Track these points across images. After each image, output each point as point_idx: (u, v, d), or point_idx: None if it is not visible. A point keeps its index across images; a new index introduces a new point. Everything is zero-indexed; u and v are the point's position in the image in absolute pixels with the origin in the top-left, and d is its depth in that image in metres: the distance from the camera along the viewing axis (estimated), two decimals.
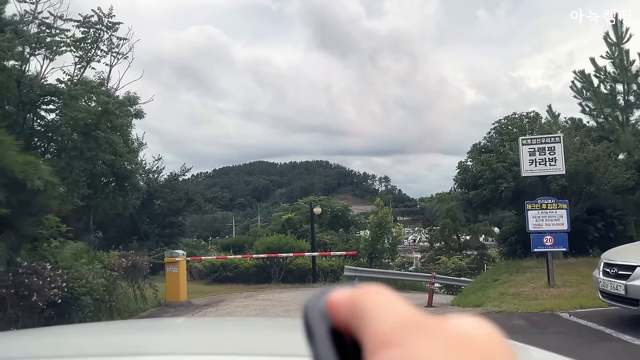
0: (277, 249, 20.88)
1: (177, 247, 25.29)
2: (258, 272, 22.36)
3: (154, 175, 17.80)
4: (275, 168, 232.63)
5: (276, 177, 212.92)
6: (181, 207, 18.62)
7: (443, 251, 34.11)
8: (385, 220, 24.21)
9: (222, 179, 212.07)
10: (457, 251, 33.75)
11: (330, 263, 24.16)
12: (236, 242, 26.58)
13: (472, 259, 30.88)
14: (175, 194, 18.43)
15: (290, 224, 28.12)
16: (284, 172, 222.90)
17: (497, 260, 36.73)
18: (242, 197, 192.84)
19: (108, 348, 1.47)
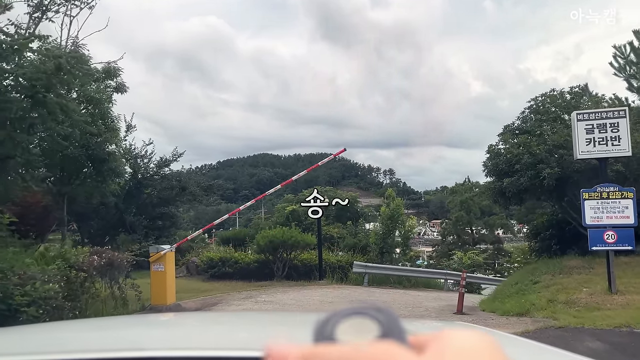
0: (280, 243, 19.05)
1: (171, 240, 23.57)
2: (260, 267, 20.56)
3: (143, 160, 15.95)
4: (279, 160, 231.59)
5: (280, 169, 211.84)
6: (173, 197, 16.75)
7: (456, 245, 32.24)
8: (398, 213, 22.31)
9: (226, 171, 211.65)
10: (470, 245, 31.88)
11: (338, 258, 22.34)
12: (237, 235, 24.72)
13: (489, 254, 29.00)
14: (167, 182, 16.55)
15: (294, 216, 26.28)
16: (288, 165, 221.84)
17: (522, 257, 34.57)
18: (246, 190, 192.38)
19: (107, 344, 1.55)
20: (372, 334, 0.34)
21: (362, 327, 0.35)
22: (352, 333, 0.34)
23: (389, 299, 15.51)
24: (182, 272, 24.51)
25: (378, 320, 0.35)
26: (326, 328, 0.35)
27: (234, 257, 21.05)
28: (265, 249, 19.50)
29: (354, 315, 0.35)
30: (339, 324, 0.35)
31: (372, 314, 0.35)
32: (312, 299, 15.11)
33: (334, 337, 0.35)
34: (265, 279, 20.14)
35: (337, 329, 0.35)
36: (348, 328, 0.35)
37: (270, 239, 18.95)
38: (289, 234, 18.94)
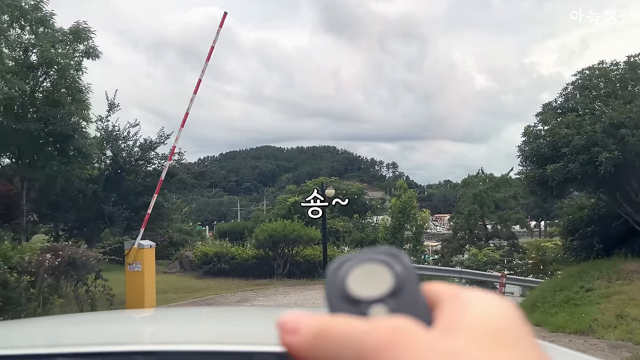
0: (281, 238, 17.21)
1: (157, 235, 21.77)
2: (259, 264, 18.73)
3: (125, 143, 13.96)
4: (282, 153, 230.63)
5: (283, 162, 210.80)
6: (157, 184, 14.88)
7: (468, 241, 30.32)
8: (410, 206, 20.43)
9: (228, 163, 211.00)
10: (482, 240, 29.97)
11: (344, 254, 20.50)
12: (235, 228, 22.87)
13: (505, 250, 27.09)
14: (151, 167, 14.62)
15: (297, 208, 24.41)
16: (290, 157, 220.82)
17: (537, 254, 32.80)
18: (249, 182, 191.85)
19: (106, 337, 1.57)
20: (385, 284, 0.33)
21: (375, 276, 0.34)
22: (365, 283, 0.33)
23: None
24: (176, 267, 22.78)
25: (391, 268, 0.34)
26: (338, 278, 0.34)
27: (230, 252, 19.22)
28: (264, 244, 17.67)
29: (366, 263, 0.34)
30: (351, 273, 0.34)
31: (386, 262, 0.34)
32: (316, 303, 13.27)
33: (346, 289, 0.33)
34: (264, 277, 18.33)
35: (350, 277, 0.34)
36: (361, 276, 0.34)
37: (270, 233, 17.10)
38: (291, 228, 17.09)
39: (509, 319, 0.30)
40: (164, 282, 18.79)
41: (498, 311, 0.31)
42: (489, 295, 0.32)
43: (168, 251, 23.92)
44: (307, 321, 0.31)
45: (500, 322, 0.30)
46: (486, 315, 0.30)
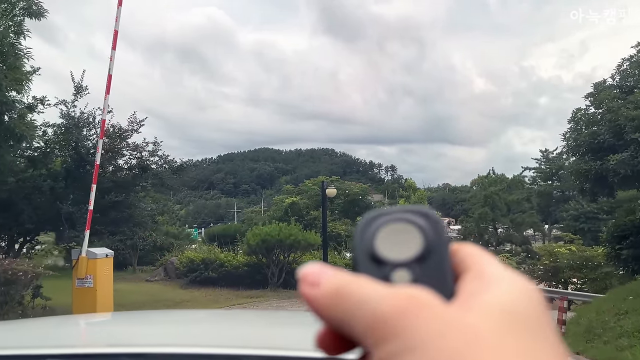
0: (276, 243, 15.10)
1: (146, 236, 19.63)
2: (251, 272, 16.63)
3: (88, 130, 11.73)
4: (280, 155, 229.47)
5: (281, 164, 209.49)
6: (130, 180, 12.60)
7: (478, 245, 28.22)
8: None
9: (226, 165, 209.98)
10: (494, 246, 27.87)
11: (346, 262, 18.41)
12: (226, 231, 20.75)
13: (521, 257, 24.96)
14: (122, 160, 12.34)
15: (294, 209, 22.27)
16: (289, 160, 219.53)
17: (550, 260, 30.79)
18: (247, 184, 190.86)
19: (102, 339, 1.64)
20: (414, 247, 0.33)
21: (404, 237, 0.33)
22: (394, 244, 0.33)
23: None
24: (160, 274, 20.64)
25: (421, 229, 0.33)
26: (366, 235, 0.33)
27: (219, 258, 17.11)
28: (257, 250, 15.56)
29: (396, 222, 0.33)
30: (380, 232, 0.33)
31: (418, 224, 0.33)
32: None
33: (374, 248, 0.33)
34: (257, 287, 16.22)
35: (379, 236, 0.33)
36: (389, 238, 0.33)
37: (263, 238, 14.98)
38: (287, 232, 14.98)
39: (531, 303, 0.30)
40: (143, 293, 16.70)
41: (521, 294, 0.30)
42: (514, 275, 0.31)
43: (153, 256, 21.82)
44: (329, 276, 0.31)
45: (522, 305, 0.30)
46: (508, 297, 0.30)
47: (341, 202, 25.59)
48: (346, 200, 25.49)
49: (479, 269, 0.32)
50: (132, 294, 15.69)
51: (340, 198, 25.09)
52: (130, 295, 15.24)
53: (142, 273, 20.74)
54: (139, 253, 21.05)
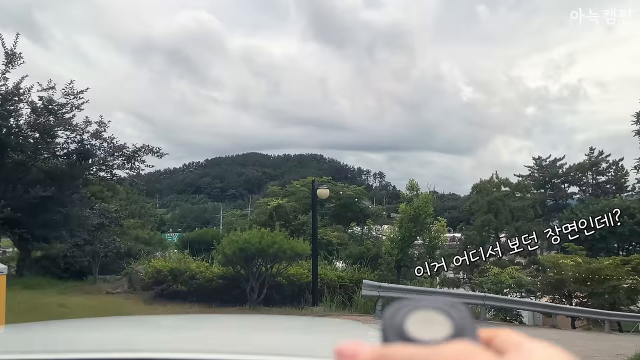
0: (257, 252, 12.62)
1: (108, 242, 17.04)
2: (227, 286, 14.14)
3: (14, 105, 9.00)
4: (268, 160, 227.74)
5: (269, 169, 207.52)
6: (66, 169, 9.99)
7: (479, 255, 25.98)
8: (425, 213, 15.98)
9: (214, 169, 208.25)
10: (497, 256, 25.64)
11: (339, 274, 15.97)
12: (202, 237, 18.23)
13: (532, 270, 22.77)
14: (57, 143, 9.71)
15: (280, 213, 19.77)
16: (277, 165, 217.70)
17: (555, 272, 28.53)
18: (234, 189, 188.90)
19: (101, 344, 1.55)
20: (444, 331, 0.34)
21: (433, 322, 0.34)
22: (423, 327, 0.34)
23: None
24: (123, 286, 17.97)
25: (450, 316, 0.34)
26: (396, 319, 0.34)
27: (190, 269, 14.57)
28: (234, 260, 13.07)
29: (426, 309, 0.35)
30: (410, 316, 0.34)
31: (443, 309, 0.34)
32: None
33: (404, 330, 0.34)
34: (233, 303, 13.70)
35: (409, 320, 0.34)
36: (419, 321, 0.34)
37: (241, 246, 12.48)
38: (270, 239, 12.50)
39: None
40: (97, 309, 14.02)
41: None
42: (551, 347, 0.34)
43: (118, 265, 19.16)
44: (366, 349, 0.32)
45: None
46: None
47: (333, 205, 23.20)
48: (338, 204, 23.08)
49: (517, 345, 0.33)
50: (80, 309, 13.06)
51: (331, 201, 22.72)
52: (78, 311, 12.63)
53: (104, 284, 18.07)
54: (102, 260, 18.41)
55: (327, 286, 15.13)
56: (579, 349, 12.49)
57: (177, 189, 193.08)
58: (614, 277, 30.20)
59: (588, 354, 11.73)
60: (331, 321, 5.09)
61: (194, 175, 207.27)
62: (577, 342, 14.08)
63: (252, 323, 2.51)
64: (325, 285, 15.11)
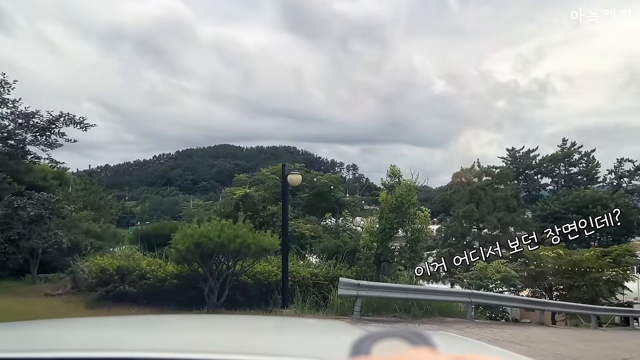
0: (217, 247, 10.73)
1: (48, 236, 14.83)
2: (182, 287, 12.21)
3: None
4: (241, 152, 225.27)
5: (242, 161, 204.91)
6: None
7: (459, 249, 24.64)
8: (408, 202, 14.37)
9: (185, 161, 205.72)
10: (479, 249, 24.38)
11: (312, 271, 14.25)
12: (159, 230, 16.17)
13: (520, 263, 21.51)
14: None
15: (247, 204, 17.79)
16: (250, 157, 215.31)
17: (535, 265, 27.60)
18: (206, 181, 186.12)
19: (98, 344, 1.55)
20: None
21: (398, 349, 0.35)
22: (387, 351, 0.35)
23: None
24: (66, 286, 15.77)
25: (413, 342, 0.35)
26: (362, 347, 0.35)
27: (140, 267, 12.57)
28: (189, 257, 11.15)
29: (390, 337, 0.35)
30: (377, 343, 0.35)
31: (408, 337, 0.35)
32: None
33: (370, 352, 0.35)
34: (189, 307, 11.78)
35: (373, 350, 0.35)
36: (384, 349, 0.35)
37: (197, 241, 10.56)
38: (231, 233, 10.63)
39: None
40: (28, 314, 11.96)
41: None
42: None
43: (63, 262, 16.93)
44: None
45: None
46: None
47: (306, 195, 21.41)
48: (312, 193, 21.28)
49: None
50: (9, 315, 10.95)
51: (304, 191, 20.93)
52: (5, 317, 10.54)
53: (44, 284, 15.84)
54: (44, 257, 16.17)
55: (298, 285, 13.38)
56: (580, 354, 11.16)
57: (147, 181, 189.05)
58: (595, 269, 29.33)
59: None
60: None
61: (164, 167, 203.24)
62: (576, 344, 12.74)
63: None
64: (296, 284, 13.36)
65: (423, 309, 14.62)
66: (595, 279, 28.67)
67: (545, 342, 12.37)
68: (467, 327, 13.51)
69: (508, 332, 13.32)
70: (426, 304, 14.78)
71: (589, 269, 28.39)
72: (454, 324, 13.93)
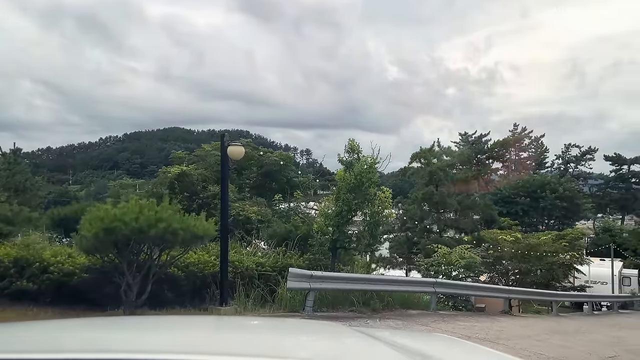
0: (134, 233, 8.53)
1: None
2: (96, 282, 9.91)
3: None
4: (191, 135, 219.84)
5: (192, 144, 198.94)
6: None
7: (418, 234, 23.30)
8: (369, 180, 12.64)
9: (133, 144, 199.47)
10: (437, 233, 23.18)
11: (258, 260, 12.30)
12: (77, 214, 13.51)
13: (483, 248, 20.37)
14: None
15: (185, 183, 15.42)
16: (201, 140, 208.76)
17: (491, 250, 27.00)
18: (154, 165, 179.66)
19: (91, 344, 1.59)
20: None
21: None
22: None
23: None
24: None
25: None
26: None
27: (42, 258, 10.17)
28: (98, 246, 8.88)
29: None
30: None
31: None
32: None
33: None
34: (103, 307, 9.56)
35: None
36: None
37: (107, 226, 8.33)
38: (153, 216, 8.46)
39: None
40: None
41: None
42: None
43: None
44: None
45: None
46: None
47: (254, 175, 19.29)
48: (260, 172, 19.14)
49: None
50: None
51: (252, 170, 18.83)
52: None
53: None
54: None
55: (241, 277, 11.38)
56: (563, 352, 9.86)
57: (93, 164, 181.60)
58: (551, 252, 28.85)
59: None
60: None
61: (111, 150, 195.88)
62: (553, 339, 11.49)
63: None
64: (239, 276, 11.35)
65: (384, 301, 13.01)
66: (552, 262, 28.28)
67: (520, 337, 11.03)
68: (433, 321, 12.01)
69: (478, 327, 11.91)
70: (387, 296, 13.18)
71: (546, 252, 27.91)
72: (418, 318, 12.41)
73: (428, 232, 23.12)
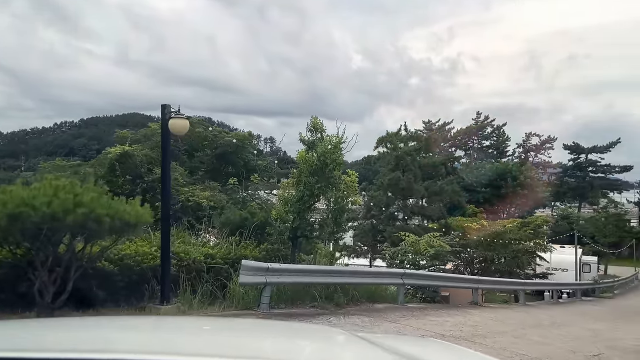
0: (47, 220, 6.97)
1: None
2: (7, 280, 8.29)
3: None
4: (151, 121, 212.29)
5: None
6: None
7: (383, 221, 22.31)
8: (334, 162, 11.39)
9: (90, 130, 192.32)
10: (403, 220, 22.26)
11: (207, 251, 10.91)
12: None
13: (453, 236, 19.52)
14: None
15: (128, 165, 13.66)
16: None
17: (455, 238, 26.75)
18: None
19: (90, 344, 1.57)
20: None
21: None
22: None
23: None
24: None
25: None
26: None
27: None
28: (4, 236, 7.26)
29: None
30: None
31: None
32: None
33: None
34: (14, 309, 7.96)
35: None
36: None
37: (12, 211, 6.74)
38: (71, 200, 6.92)
39: None
40: None
41: None
42: None
43: None
44: None
45: None
46: None
47: (208, 157, 17.66)
48: (215, 154, 17.48)
49: None
50: None
51: (205, 152, 17.22)
52: None
53: None
54: None
55: (187, 270, 9.95)
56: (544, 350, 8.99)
57: (47, 150, 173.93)
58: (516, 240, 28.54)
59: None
60: None
61: (66, 135, 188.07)
62: (531, 335, 10.63)
63: None
64: (184, 270, 9.92)
65: (349, 295, 11.86)
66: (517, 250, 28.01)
67: (496, 333, 10.10)
68: (402, 317, 10.96)
69: (450, 322, 10.94)
70: (352, 289, 12.05)
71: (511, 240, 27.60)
72: (385, 313, 11.34)
73: (394, 220, 22.22)
